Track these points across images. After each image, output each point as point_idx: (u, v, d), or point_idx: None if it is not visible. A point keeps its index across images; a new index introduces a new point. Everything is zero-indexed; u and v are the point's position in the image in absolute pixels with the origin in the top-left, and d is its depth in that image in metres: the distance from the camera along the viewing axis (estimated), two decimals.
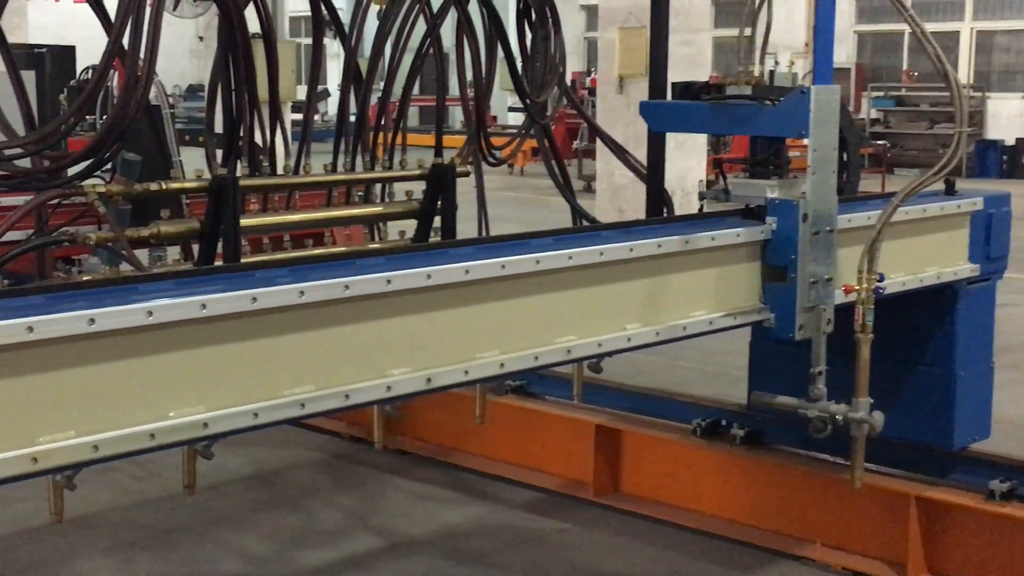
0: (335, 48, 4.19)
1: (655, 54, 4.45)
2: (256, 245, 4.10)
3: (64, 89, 8.06)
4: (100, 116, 6.32)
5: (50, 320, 2.36)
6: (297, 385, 2.77)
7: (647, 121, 4.34)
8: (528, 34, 4.85)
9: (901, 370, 4.81)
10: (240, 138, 3.92)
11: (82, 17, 4.33)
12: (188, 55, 28.65)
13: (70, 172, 3.53)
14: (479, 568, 4.65)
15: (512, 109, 23.91)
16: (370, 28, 4.29)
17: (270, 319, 2.71)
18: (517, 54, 4.81)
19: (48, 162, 3.59)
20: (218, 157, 3.96)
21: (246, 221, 3.82)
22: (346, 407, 2.90)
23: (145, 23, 3.30)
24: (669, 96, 4.38)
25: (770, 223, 3.88)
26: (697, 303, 3.74)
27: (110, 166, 3.68)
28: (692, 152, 11.73)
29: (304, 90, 4.67)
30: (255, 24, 3.96)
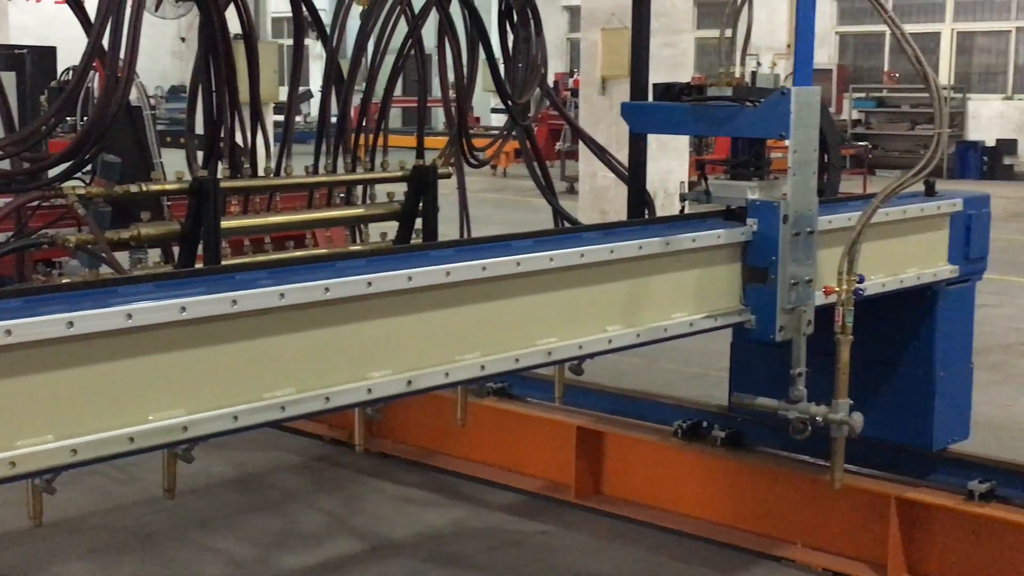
0: (318, 49, 4.19)
1: (636, 55, 4.44)
2: (237, 247, 4.09)
3: (45, 90, 8.02)
4: (81, 118, 6.29)
5: (28, 323, 2.35)
6: (278, 388, 2.77)
7: (628, 122, 4.34)
8: (510, 35, 4.85)
9: (881, 371, 4.83)
10: (221, 139, 3.91)
11: (63, 18, 4.31)
12: (170, 56, 28.56)
13: (50, 174, 3.52)
14: (460, 570, 4.65)
15: (495, 110, 23.89)
16: (352, 29, 4.29)
17: (250, 322, 2.71)
18: (499, 55, 4.81)
19: (28, 164, 3.57)
20: (199, 159, 3.96)
21: (227, 223, 3.81)
22: (327, 409, 2.90)
23: (125, 24, 3.29)
24: (650, 97, 4.39)
25: (751, 224, 3.89)
26: (678, 305, 3.74)
27: (90, 168, 3.66)
28: (675, 153, 11.74)
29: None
30: (237, 25, 3.96)
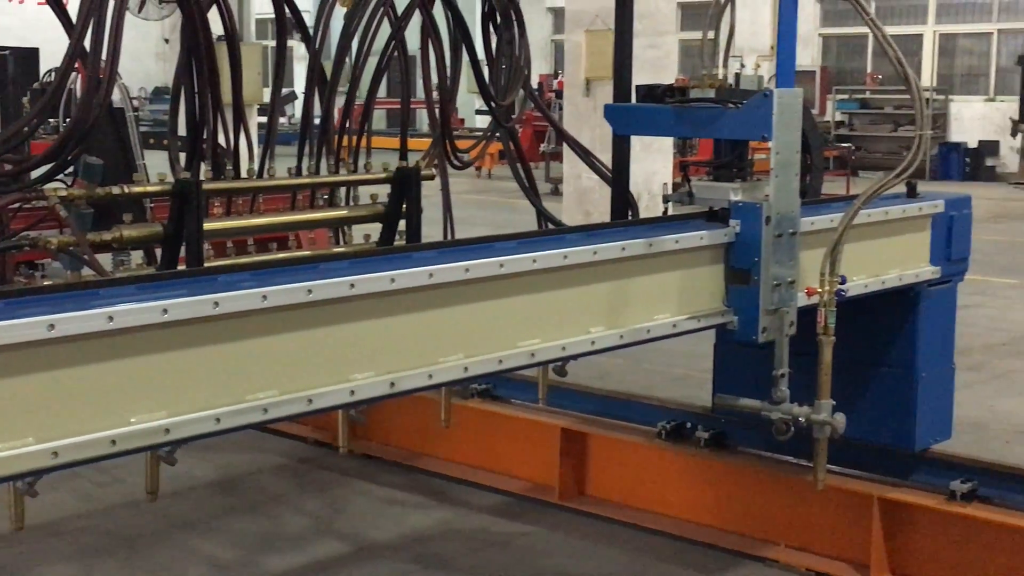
0: (302, 51, 4.19)
1: (619, 57, 4.45)
2: (220, 249, 4.08)
3: (27, 92, 8.01)
4: (63, 119, 6.28)
5: (9, 325, 2.34)
6: (260, 390, 2.77)
7: (612, 124, 4.35)
8: (494, 37, 4.86)
9: (863, 372, 4.84)
10: (204, 141, 3.91)
11: (46, 19, 4.30)
12: (154, 57, 28.46)
13: (32, 175, 3.51)
14: (445, 572, 4.65)
15: (480, 112, 23.90)
16: (335, 30, 4.29)
17: (233, 324, 2.70)
18: (483, 57, 4.82)
19: (10, 165, 3.56)
20: (182, 160, 3.95)
21: (209, 225, 3.81)
22: (310, 412, 2.89)
23: (107, 25, 3.29)
24: (634, 99, 4.39)
25: (734, 226, 3.90)
26: (661, 306, 3.75)
27: (72, 169, 3.65)
28: (659, 155, 11.74)
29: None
30: (220, 27, 3.95)
